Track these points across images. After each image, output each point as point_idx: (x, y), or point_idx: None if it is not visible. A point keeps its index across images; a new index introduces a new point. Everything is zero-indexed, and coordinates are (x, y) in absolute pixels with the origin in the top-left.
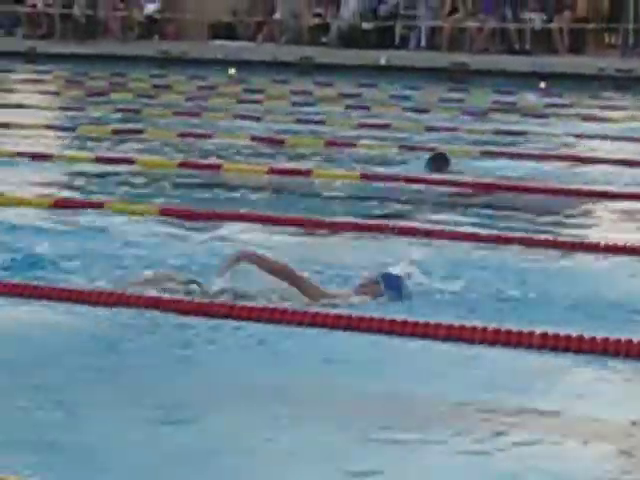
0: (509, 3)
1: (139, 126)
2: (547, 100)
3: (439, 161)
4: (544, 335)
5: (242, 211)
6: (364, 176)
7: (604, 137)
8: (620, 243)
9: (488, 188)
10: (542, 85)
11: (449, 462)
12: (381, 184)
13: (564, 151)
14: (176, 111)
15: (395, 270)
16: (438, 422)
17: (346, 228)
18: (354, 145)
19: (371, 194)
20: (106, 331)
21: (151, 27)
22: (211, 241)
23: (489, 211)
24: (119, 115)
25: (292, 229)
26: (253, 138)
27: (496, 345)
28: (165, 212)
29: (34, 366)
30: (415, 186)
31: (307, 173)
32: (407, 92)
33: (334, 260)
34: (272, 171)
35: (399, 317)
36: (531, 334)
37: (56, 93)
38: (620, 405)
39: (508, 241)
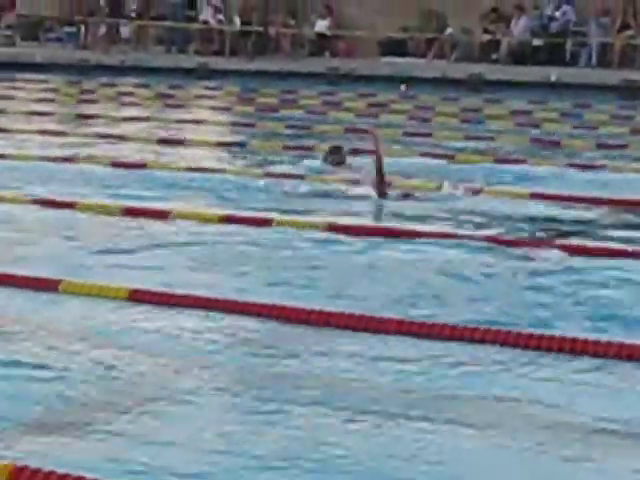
0: None
1: (310, 142)
2: None
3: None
4: None
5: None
6: (534, 195)
7: None
8: None
9: None
10: None
11: None
12: (550, 203)
13: None
14: (346, 128)
15: None
16: None
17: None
18: (524, 162)
19: (540, 213)
20: None
21: (322, 44)
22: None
23: None
24: (289, 131)
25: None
26: (423, 155)
27: None
28: (332, 228)
29: None
30: (582, 205)
31: (476, 191)
32: (577, 109)
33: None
34: (442, 187)
35: None
36: None
37: (227, 109)
38: None
39: None
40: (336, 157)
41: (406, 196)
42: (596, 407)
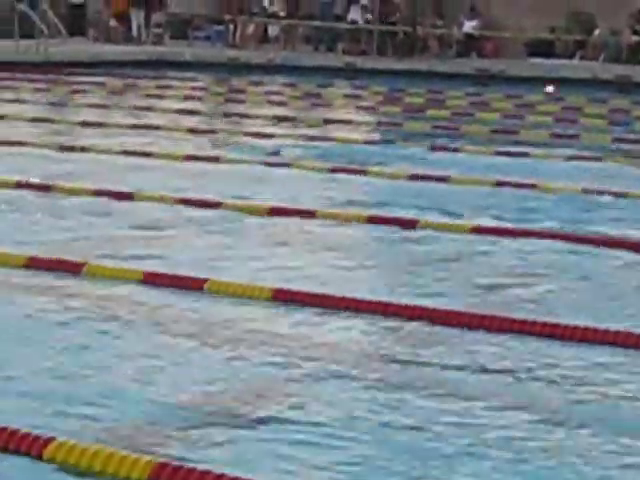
0: None
1: (456, 143)
2: None
3: None
4: None
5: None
6: None
7: None
8: None
9: None
10: None
11: None
12: None
13: None
14: (493, 129)
15: None
16: None
17: None
18: None
19: None
20: None
21: (469, 44)
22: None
23: None
24: (436, 132)
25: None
26: (569, 157)
27: None
28: (476, 230)
29: None
30: None
31: (621, 194)
32: None
33: None
34: (586, 191)
35: None
36: None
37: (373, 108)
38: None
39: None
40: None
41: None
42: None
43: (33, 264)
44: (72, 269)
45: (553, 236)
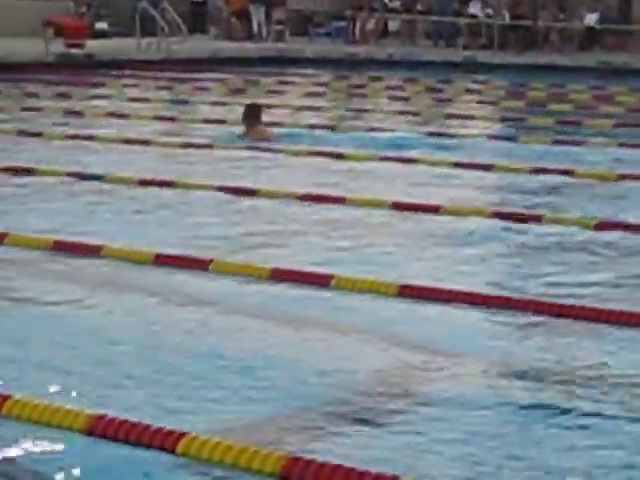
0: None
1: (578, 138)
2: None
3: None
4: None
5: None
6: None
7: None
8: None
9: None
10: None
11: None
12: None
13: None
14: (617, 123)
15: None
16: None
17: None
18: None
19: None
20: None
21: (592, 37)
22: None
23: None
24: (558, 127)
25: None
26: None
27: None
28: (600, 225)
29: None
30: None
31: None
32: None
33: None
34: None
35: None
36: None
37: (495, 103)
38: None
39: None
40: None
41: None
42: None
43: (160, 261)
44: (199, 265)
45: None
